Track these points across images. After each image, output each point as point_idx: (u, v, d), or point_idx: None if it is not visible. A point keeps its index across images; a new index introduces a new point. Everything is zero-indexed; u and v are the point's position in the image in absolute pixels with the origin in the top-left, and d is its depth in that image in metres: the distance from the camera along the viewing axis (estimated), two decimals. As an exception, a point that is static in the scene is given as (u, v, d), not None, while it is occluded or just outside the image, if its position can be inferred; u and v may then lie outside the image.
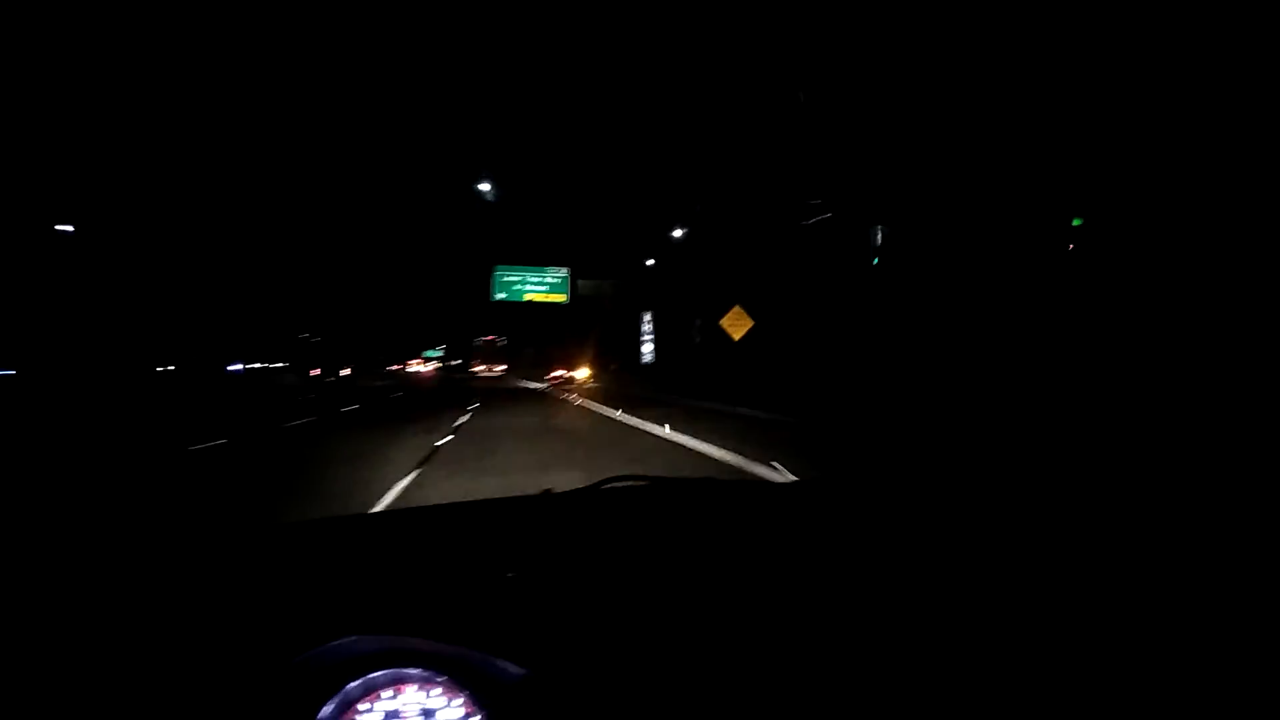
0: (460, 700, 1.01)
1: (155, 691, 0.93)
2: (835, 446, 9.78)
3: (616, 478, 1.70)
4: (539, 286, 36.71)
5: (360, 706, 1.00)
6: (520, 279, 36.51)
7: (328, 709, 0.98)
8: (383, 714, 1.00)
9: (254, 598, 1.12)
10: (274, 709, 0.95)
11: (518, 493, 1.88)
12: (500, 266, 36.42)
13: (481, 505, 1.63)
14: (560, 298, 37.05)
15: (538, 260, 37.08)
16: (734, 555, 1.32)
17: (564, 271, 37.01)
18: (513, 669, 0.99)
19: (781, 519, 1.58)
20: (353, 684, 1.00)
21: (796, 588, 1.17)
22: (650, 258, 33.62)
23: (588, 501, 1.62)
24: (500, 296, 36.48)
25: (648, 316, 36.87)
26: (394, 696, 1.02)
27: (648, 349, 36.81)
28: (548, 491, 1.67)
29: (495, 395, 29.69)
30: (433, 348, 66.59)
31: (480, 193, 32.35)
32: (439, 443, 10.60)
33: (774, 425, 12.83)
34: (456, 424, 14.12)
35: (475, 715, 1.00)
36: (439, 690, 1.02)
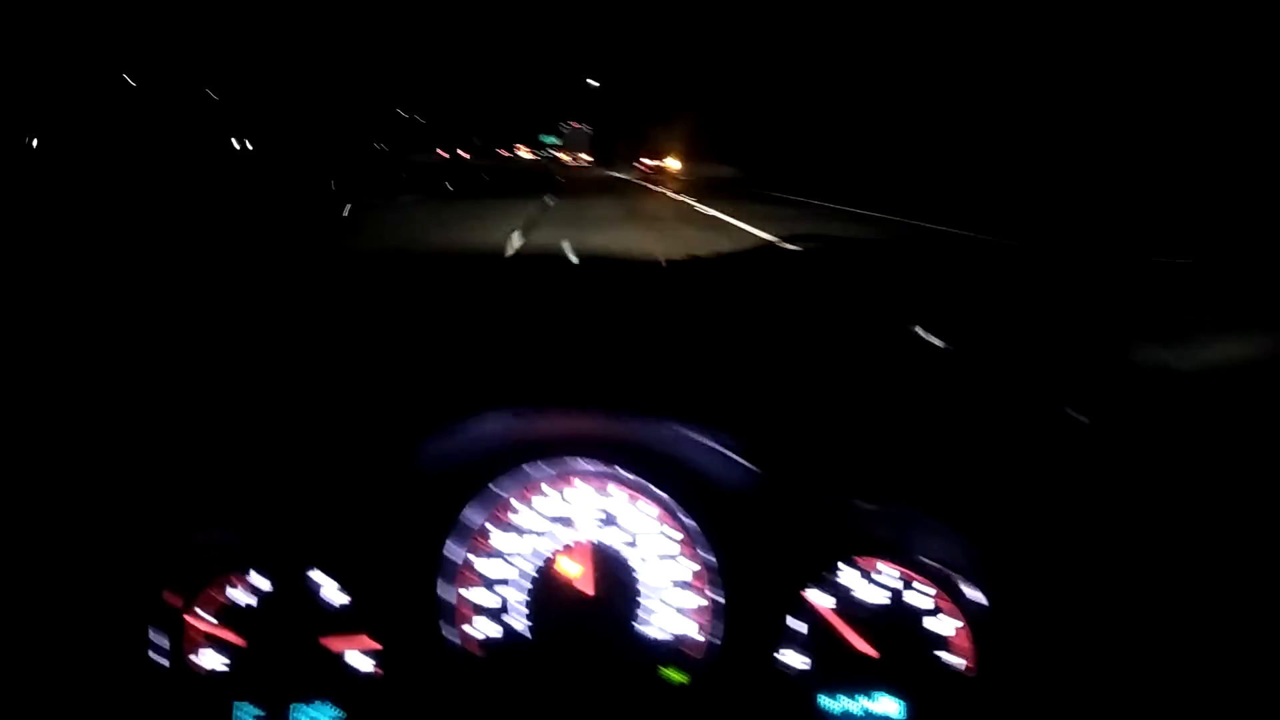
0: (656, 510, 0.72)
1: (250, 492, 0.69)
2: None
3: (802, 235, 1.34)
4: None
5: (515, 506, 0.73)
6: None
7: (471, 511, 0.71)
8: (539, 517, 0.73)
9: (360, 361, 0.84)
10: (402, 511, 0.69)
11: None
12: None
13: (620, 265, 1.30)
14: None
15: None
16: None
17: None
18: (739, 468, 0.70)
19: None
20: (502, 477, 0.72)
21: None
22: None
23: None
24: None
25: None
26: (559, 493, 0.74)
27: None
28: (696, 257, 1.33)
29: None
30: (548, 133, 61.73)
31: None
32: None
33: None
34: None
35: (679, 531, 0.72)
36: (624, 491, 0.74)
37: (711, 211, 13.60)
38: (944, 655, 0.70)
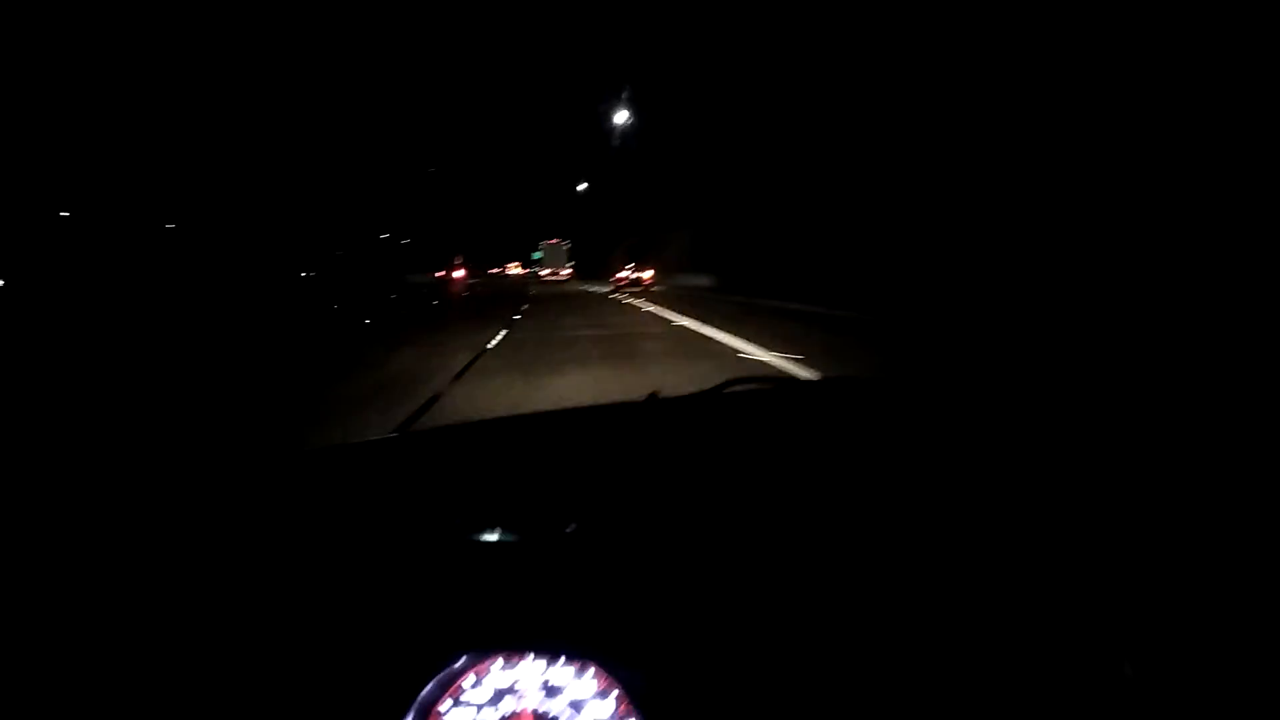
0: (591, 672, 0.78)
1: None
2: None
3: (739, 380, 1.40)
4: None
5: (464, 686, 0.78)
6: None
7: (428, 691, 0.76)
8: (492, 690, 0.78)
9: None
10: (355, 694, 0.74)
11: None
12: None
13: (561, 416, 1.32)
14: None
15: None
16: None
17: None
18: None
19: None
20: (454, 665, 0.78)
21: None
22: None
23: (706, 411, 1.34)
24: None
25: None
26: (505, 667, 0.80)
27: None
28: (653, 395, 1.37)
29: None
30: (539, 250, 64.02)
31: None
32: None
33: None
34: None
35: (612, 690, 0.77)
36: (563, 660, 0.79)
37: (689, 325, 13.91)
38: None
